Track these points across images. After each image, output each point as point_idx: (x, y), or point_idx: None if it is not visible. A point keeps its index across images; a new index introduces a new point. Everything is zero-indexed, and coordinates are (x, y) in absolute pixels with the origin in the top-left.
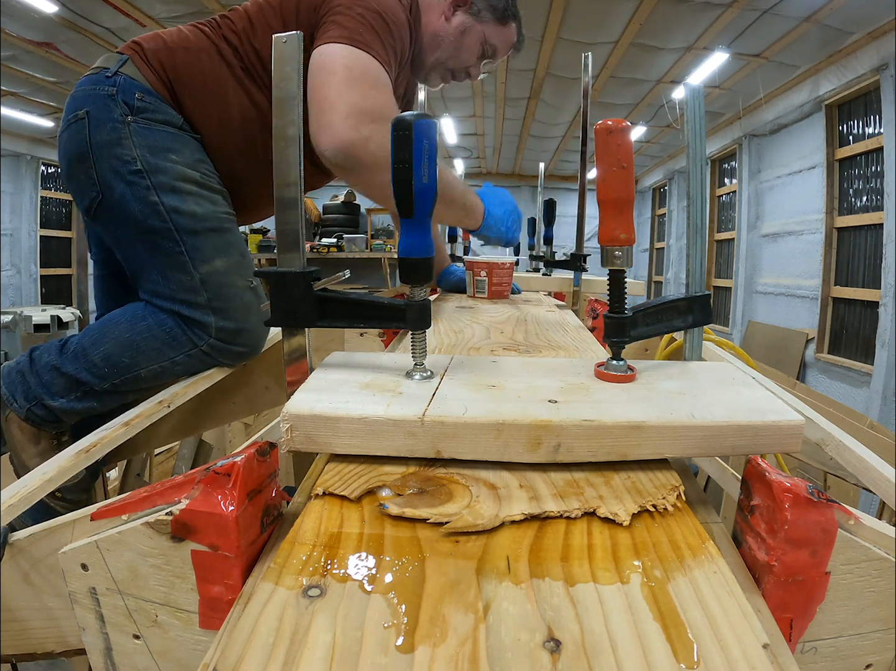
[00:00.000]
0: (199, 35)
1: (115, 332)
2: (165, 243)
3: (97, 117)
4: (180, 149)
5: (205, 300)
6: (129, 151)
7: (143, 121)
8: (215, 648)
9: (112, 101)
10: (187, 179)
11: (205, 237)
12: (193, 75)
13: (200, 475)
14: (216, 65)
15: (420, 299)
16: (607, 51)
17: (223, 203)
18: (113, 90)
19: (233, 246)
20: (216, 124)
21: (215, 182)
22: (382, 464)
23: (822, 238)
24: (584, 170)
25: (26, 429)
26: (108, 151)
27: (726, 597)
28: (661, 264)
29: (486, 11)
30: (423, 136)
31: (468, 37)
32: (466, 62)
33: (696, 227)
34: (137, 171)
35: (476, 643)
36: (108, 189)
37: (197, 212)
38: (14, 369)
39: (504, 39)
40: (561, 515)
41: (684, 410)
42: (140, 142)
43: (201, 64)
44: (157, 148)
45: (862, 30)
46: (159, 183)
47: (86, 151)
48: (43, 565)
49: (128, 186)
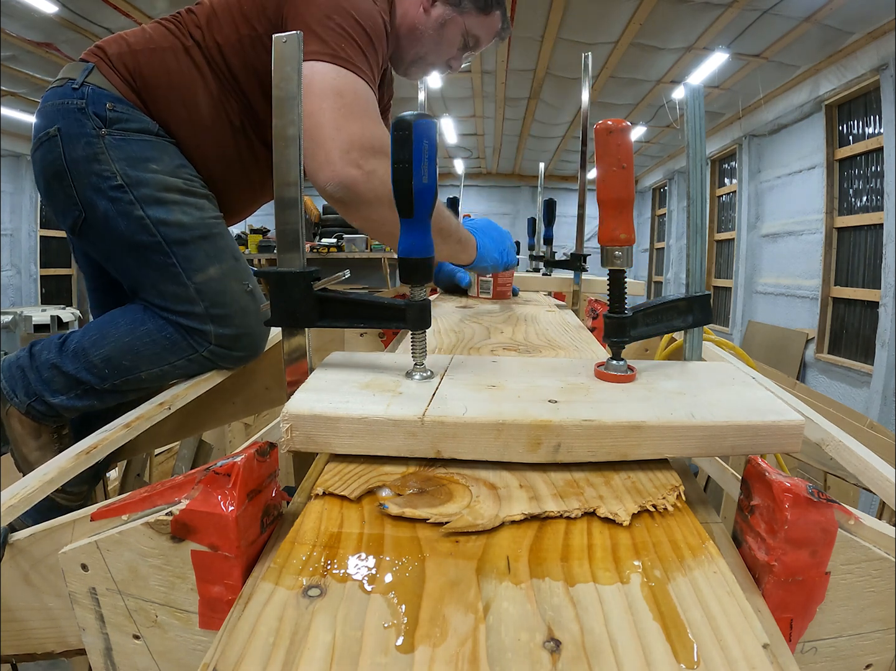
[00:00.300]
0: (163, 33)
1: (115, 335)
2: (156, 257)
3: (69, 133)
4: (160, 156)
5: (202, 310)
6: (107, 166)
7: (117, 132)
8: (215, 648)
9: (83, 115)
10: (170, 188)
11: (195, 246)
12: (160, 77)
13: (200, 475)
14: (182, 64)
15: (420, 299)
16: (607, 51)
17: (210, 207)
18: (82, 103)
19: (224, 251)
20: (188, 127)
21: (199, 186)
22: (382, 464)
23: (822, 238)
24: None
25: (27, 424)
26: (86, 168)
27: (726, 598)
28: (661, 264)
29: (468, 1)
30: (423, 136)
31: (449, 29)
32: (447, 55)
33: (696, 227)
34: (119, 187)
35: (476, 643)
36: (90, 207)
37: (184, 221)
38: (14, 364)
39: (487, 29)
40: (561, 515)
41: (684, 410)
42: (117, 155)
43: (167, 64)
44: (136, 159)
45: (862, 30)
46: (142, 196)
47: (62, 170)
48: (43, 565)
49: (110, 203)
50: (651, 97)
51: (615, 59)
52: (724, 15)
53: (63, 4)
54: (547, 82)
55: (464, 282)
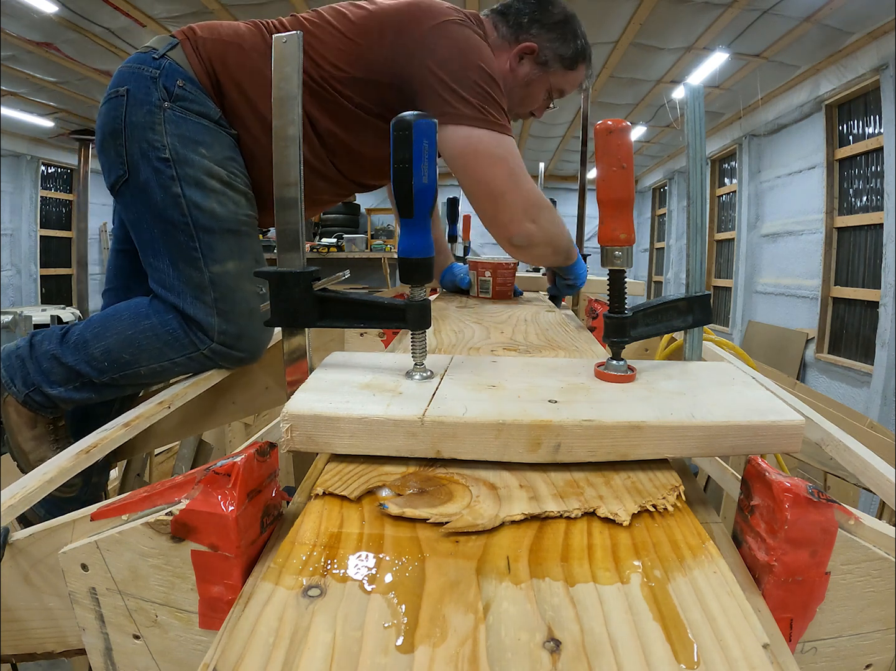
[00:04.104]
0: (255, 34)
1: (117, 328)
2: (181, 237)
3: (136, 97)
4: (211, 143)
5: (211, 300)
6: (160, 137)
7: (179, 109)
8: (215, 648)
9: (153, 84)
10: (213, 176)
11: (221, 237)
12: (241, 73)
13: (200, 475)
14: (265, 69)
15: (420, 299)
16: (607, 51)
17: (246, 206)
18: (156, 73)
19: (247, 250)
20: (256, 125)
21: (241, 183)
22: (382, 464)
23: (822, 238)
24: (584, 170)
25: (23, 413)
26: (141, 133)
27: (726, 597)
28: (661, 264)
29: (555, 61)
30: (424, 136)
31: (534, 87)
32: (530, 107)
33: (696, 227)
34: (165, 160)
35: (476, 643)
36: (134, 170)
37: (217, 211)
38: (14, 353)
39: (572, 83)
40: (561, 515)
41: (684, 410)
42: (172, 129)
43: (252, 64)
44: (188, 139)
45: (862, 30)
46: (185, 175)
47: (120, 128)
48: (43, 565)
49: (153, 172)
50: (651, 97)
51: (615, 59)
52: (724, 15)
53: (63, 4)
54: None
55: (464, 283)
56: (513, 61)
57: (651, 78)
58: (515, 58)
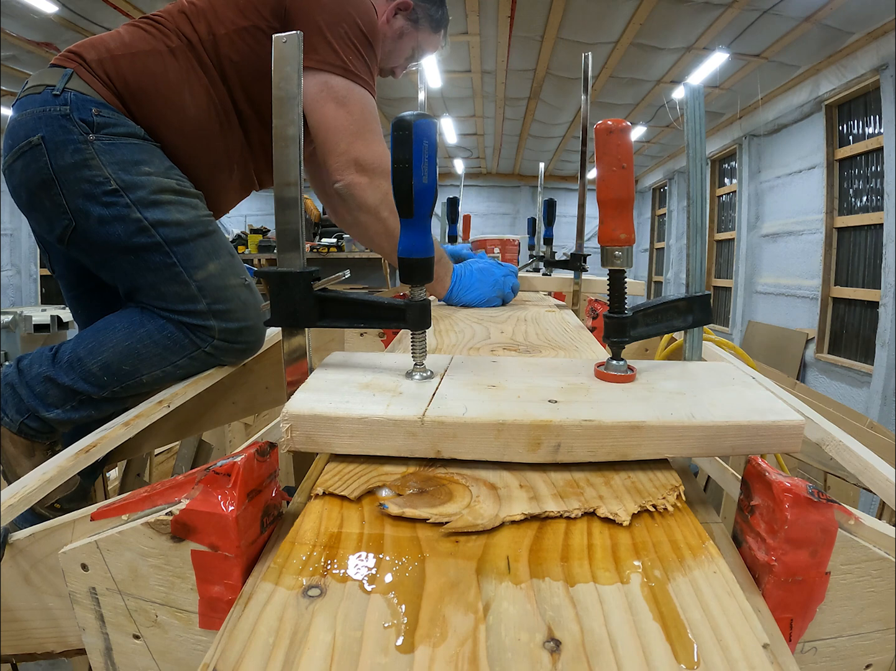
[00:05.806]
0: (141, 36)
1: (112, 340)
2: (156, 257)
3: (55, 140)
4: (150, 159)
5: (205, 307)
6: (98, 172)
7: (106, 136)
8: (215, 648)
9: (68, 121)
10: (165, 190)
11: (194, 243)
12: (144, 82)
13: (200, 475)
14: (168, 67)
15: (420, 299)
16: (607, 51)
17: (202, 206)
18: (66, 109)
19: (221, 247)
20: (176, 129)
21: (189, 186)
22: (382, 464)
23: (822, 238)
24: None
25: (19, 443)
26: (76, 175)
27: (726, 597)
28: (661, 264)
29: (425, 20)
30: (423, 136)
31: (404, 41)
32: (395, 63)
33: (696, 227)
34: (114, 191)
35: (476, 643)
36: (81, 215)
37: (182, 219)
38: (1, 382)
39: (433, 45)
40: (561, 515)
41: (684, 410)
42: (109, 159)
43: (150, 69)
44: (128, 163)
45: (862, 30)
46: (138, 199)
47: (49, 178)
48: (43, 565)
49: (105, 208)
50: (651, 97)
51: (615, 59)
52: (724, 15)
53: (63, 4)
54: (547, 82)
55: None
56: (389, 14)
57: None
58: (392, 11)
